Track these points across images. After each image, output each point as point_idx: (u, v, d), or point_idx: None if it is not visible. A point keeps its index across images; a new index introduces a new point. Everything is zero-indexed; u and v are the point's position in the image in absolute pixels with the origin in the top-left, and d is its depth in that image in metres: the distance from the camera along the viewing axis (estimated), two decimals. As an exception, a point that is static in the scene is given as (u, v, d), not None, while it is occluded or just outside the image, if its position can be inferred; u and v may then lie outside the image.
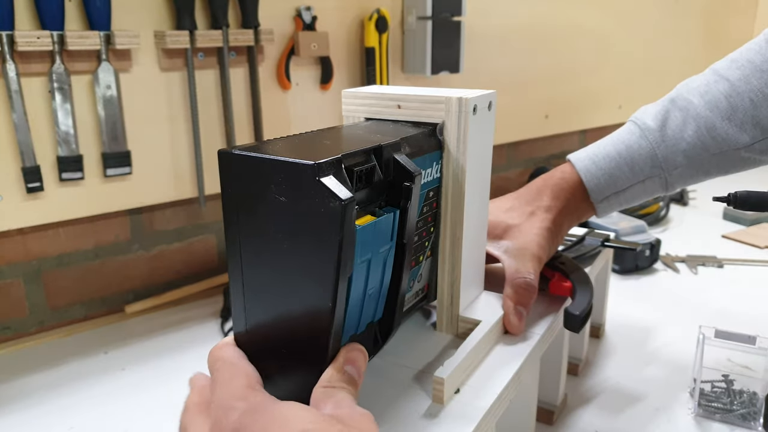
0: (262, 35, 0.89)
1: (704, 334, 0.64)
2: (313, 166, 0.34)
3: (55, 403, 0.69)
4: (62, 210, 0.79)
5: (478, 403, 0.43)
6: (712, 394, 0.65)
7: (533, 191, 0.64)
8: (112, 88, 0.79)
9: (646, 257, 1.01)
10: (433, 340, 0.52)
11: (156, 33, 0.82)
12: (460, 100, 0.47)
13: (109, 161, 0.80)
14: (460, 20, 1.09)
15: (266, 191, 0.36)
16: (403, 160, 0.41)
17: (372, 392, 0.45)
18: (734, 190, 0.59)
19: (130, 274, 0.92)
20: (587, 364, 0.75)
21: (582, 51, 1.48)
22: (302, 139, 0.42)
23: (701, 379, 0.65)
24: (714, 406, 0.64)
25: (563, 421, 0.65)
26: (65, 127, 0.76)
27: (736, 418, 0.63)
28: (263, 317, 0.39)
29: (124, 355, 0.79)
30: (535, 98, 1.40)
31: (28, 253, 0.82)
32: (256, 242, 0.38)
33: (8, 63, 0.70)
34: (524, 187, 0.66)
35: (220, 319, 0.88)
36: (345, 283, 0.37)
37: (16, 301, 0.83)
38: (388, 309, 0.45)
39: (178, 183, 0.89)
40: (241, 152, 0.36)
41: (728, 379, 0.65)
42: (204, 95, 0.88)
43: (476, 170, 0.50)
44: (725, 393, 0.64)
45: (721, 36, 1.88)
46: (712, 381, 0.65)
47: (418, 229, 0.47)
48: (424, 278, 0.51)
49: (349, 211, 0.35)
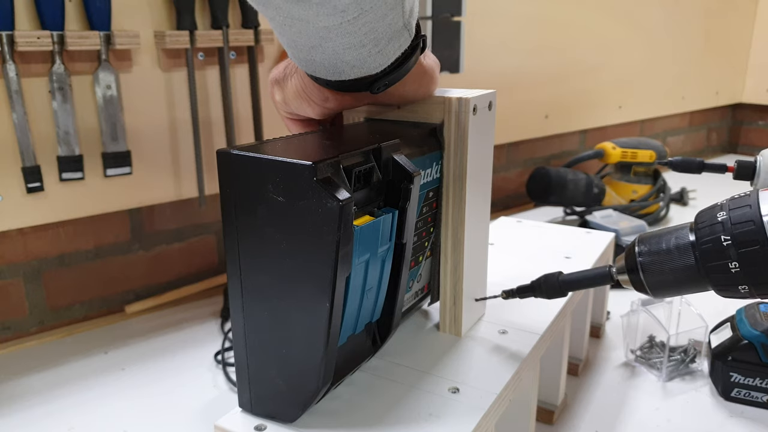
0: (263, 35, 0.89)
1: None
2: (311, 166, 0.34)
3: (55, 403, 0.69)
4: (62, 210, 0.79)
5: (478, 403, 0.43)
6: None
7: None
8: (112, 88, 0.79)
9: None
10: (436, 341, 0.52)
11: (156, 33, 0.82)
12: (460, 100, 0.47)
13: (109, 161, 0.80)
14: (460, 20, 1.09)
15: (265, 191, 0.36)
16: (402, 160, 0.41)
17: (373, 392, 0.45)
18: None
19: (130, 274, 0.92)
20: (587, 364, 0.75)
21: (582, 51, 1.48)
22: (301, 139, 0.42)
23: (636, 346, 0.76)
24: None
25: (563, 421, 0.65)
26: (65, 127, 0.76)
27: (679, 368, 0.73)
28: (262, 317, 0.39)
29: (124, 355, 0.79)
30: (535, 98, 1.40)
31: (28, 253, 0.82)
32: (254, 242, 0.38)
33: (8, 63, 0.71)
34: None
35: (220, 319, 0.88)
36: (343, 283, 0.37)
37: (16, 301, 0.83)
38: (386, 309, 0.45)
39: (178, 183, 0.89)
40: (240, 152, 0.36)
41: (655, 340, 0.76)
42: (204, 95, 0.88)
43: (477, 170, 0.50)
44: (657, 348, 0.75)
45: (721, 36, 1.87)
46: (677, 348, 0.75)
47: (417, 229, 0.47)
48: (423, 278, 0.51)
49: (347, 212, 0.35)
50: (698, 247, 0.38)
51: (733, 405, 0.67)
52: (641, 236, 0.43)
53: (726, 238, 0.35)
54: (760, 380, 0.65)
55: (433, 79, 0.47)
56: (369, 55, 0.40)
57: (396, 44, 0.40)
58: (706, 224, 0.37)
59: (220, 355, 0.77)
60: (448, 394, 0.44)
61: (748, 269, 0.35)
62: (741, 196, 0.36)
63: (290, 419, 0.41)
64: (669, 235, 0.41)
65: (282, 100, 0.48)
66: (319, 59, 0.41)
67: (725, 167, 0.68)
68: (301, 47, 0.40)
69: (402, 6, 0.38)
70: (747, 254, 0.34)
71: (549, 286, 0.49)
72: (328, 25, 0.37)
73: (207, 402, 0.69)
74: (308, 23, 0.37)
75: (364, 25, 0.37)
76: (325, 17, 0.36)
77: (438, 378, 0.46)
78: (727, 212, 0.36)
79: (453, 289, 0.52)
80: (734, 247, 0.35)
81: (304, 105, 0.47)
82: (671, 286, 0.41)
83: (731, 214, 0.36)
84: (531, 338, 0.53)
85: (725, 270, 0.36)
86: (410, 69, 0.43)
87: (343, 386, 0.45)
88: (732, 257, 0.35)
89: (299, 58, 0.42)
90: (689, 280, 0.39)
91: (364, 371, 0.47)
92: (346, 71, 0.41)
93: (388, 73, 0.42)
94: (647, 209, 1.26)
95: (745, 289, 0.36)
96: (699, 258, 0.38)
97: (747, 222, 0.34)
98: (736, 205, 0.36)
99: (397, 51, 0.41)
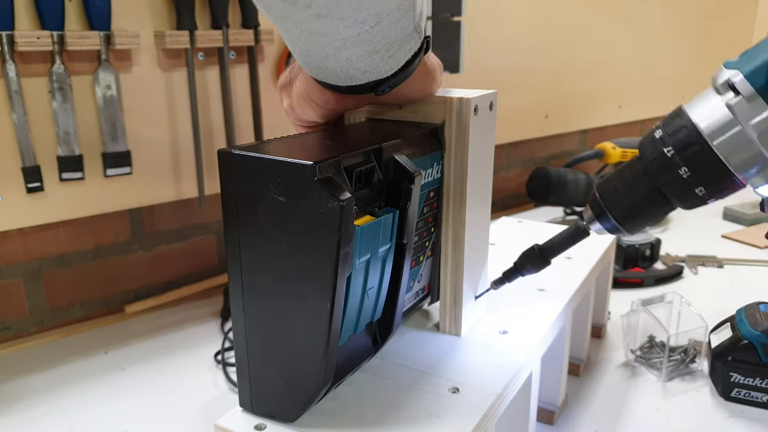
0: (263, 35, 0.89)
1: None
2: (312, 166, 0.34)
3: (55, 403, 0.69)
4: (62, 210, 0.79)
5: (478, 403, 0.43)
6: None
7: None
8: (112, 88, 0.79)
9: (646, 257, 1.01)
10: (436, 341, 0.52)
11: (156, 33, 0.82)
12: (461, 100, 0.47)
13: (109, 161, 0.80)
14: (460, 20, 1.09)
15: (265, 191, 0.36)
16: (403, 160, 0.41)
17: (373, 392, 0.45)
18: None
19: (130, 274, 0.92)
20: (588, 364, 0.75)
21: (582, 51, 1.48)
22: (302, 139, 0.42)
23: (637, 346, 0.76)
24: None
25: (563, 421, 0.65)
26: (65, 127, 0.76)
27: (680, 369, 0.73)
28: (263, 317, 0.39)
29: (124, 355, 0.79)
30: (535, 98, 1.40)
31: (28, 253, 0.82)
32: (255, 242, 0.38)
33: (8, 63, 0.70)
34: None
35: (220, 319, 0.88)
36: (343, 283, 0.37)
37: (16, 301, 0.83)
38: (387, 309, 0.45)
39: (178, 183, 0.89)
40: (241, 152, 0.36)
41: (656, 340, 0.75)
42: (204, 95, 0.88)
43: (477, 170, 0.50)
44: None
45: (721, 36, 1.87)
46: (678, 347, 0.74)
47: (418, 229, 0.47)
48: (424, 278, 0.51)
49: (348, 212, 0.35)
50: (649, 168, 0.41)
51: (733, 405, 0.67)
52: (598, 184, 0.46)
53: (668, 150, 0.39)
54: (760, 380, 0.65)
55: (435, 79, 0.47)
56: (381, 60, 0.40)
57: (407, 47, 0.40)
58: (648, 147, 0.41)
59: (220, 355, 0.77)
60: (448, 394, 0.44)
61: (696, 170, 0.38)
62: (669, 114, 0.40)
63: (291, 419, 0.41)
64: (621, 173, 0.44)
65: (289, 106, 0.48)
66: (332, 67, 0.40)
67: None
68: (314, 56, 0.40)
69: (413, 9, 0.38)
70: (691, 156, 0.38)
71: (531, 259, 0.50)
72: (346, 36, 0.36)
73: (207, 402, 0.69)
74: (326, 36, 0.36)
75: (379, 33, 0.37)
76: (344, 29, 0.36)
77: (438, 378, 0.46)
78: (662, 129, 0.40)
79: (453, 289, 0.52)
80: (678, 154, 0.38)
81: (307, 108, 0.47)
82: (640, 216, 0.44)
83: (666, 129, 0.39)
84: (531, 338, 0.53)
85: (678, 178, 0.39)
86: (414, 70, 0.43)
87: (343, 386, 0.45)
88: (679, 164, 0.39)
89: (311, 66, 0.42)
90: (653, 203, 0.43)
91: (365, 371, 0.47)
92: (357, 77, 0.41)
93: (394, 75, 0.42)
94: (647, 209, 1.26)
95: (702, 191, 0.39)
96: (653, 177, 0.41)
97: (681, 129, 0.38)
98: (668, 121, 0.40)
99: (408, 54, 0.41)
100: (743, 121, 0.36)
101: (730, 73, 0.37)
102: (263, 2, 0.35)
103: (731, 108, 0.37)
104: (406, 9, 0.37)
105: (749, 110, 0.36)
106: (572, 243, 0.50)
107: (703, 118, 0.38)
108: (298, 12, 0.34)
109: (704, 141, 0.38)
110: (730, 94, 0.37)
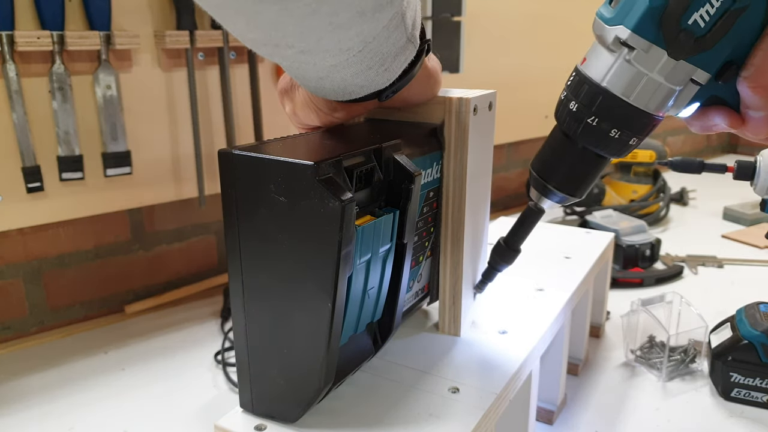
0: (262, 35, 0.88)
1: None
2: (313, 166, 0.34)
3: (55, 403, 0.69)
4: (62, 210, 0.79)
5: (478, 403, 0.43)
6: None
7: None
8: (112, 88, 0.79)
9: (646, 257, 1.02)
10: (436, 341, 0.52)
11: (156, 33, 0.82)
12: (460, 100, 0.47)
13: (109, 161, 0.80)
14: (460, 20, 1.09)
15: (266, 191, 0.36)
16: (403, 160, 0.41)
17: (374, 392, 0.45)
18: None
19: (130, 274, 0.92)
20: (587, 364, 0.75)
21: (582, 51, 1.47)
22: (303, 139, 0.42)
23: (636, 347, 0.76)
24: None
25: (563, 421, 0.65)
26: (65, 127, 0.76)
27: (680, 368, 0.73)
28: (263, 317, 0.39)
29: (124, 355, 0.79)
30: (535, 98, 1.40)
31: (28, 253, 0.82)
32: (255, 242, 0.38)
33: (8, 63, 0.71)
34: None
35: (220, 319, 0.88)
36: (344, 283, 0.37)
37: (16, 301, 0.83)
38: (387, 309, 0.45)
39: (178, 183, 0.89)
40: (242, 152, 0.36)
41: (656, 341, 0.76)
42: (204, 95, 0.88)
43: (477, 170, 0.50)
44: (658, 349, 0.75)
45: (721, 36, 1.87)
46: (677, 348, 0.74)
47: (418, 229, 0.47)
48: (424, 278, 0.51)
49: (349, 212, 0.35)
50: (567, 130, 0.43)
51: (733, 405, 0.67)
52: (531, 163, 0.49)
53: (576, 106, 0.41)
54: (760, 380, 0.65)
55: (437, 81, 0.47)
56: (377, 75, 0.40)
57: (402, 59, 0.41)
58: (560, 112, 0.43)
59: (220, 355, 0.77)
60: (448, 394, 0.44)
61: (605, 117, 0.40)
62: (573, 82, 0.42)
63: (291, 419, 0.41)
64: (546, 145, 0.47)
65: (291, 110, 0.48)
66: (329, 86, 0.41)
67: (725, 167, 0.68)
68: (310, 79, 0.40)
69: (404, 24, 0.38)
70: (599, 108, 0.40)
71: (500, 253, 0.51)
72: (335, 63, 0.37)
73: (207, 402, 0.69)
74: (315, 64, 0.37)
75: (369, 53, 0.37)
76: (331, 58, 0.36)
77: (438, 378, 0.46)
78: (566, 91, 0.42)
79: (452, 289, 0.52)
80: (586, 108, 0.41)
81: (312, 115, 0.47)
82: (578, 178, 0.46)
83: (569, 91, 0.42)
84: (531, 338, 0.53)
85: (592, 128, 0.41)
86: (416, 74, 0.44)
87: (343, 386, 0.45)
88: (589, 115, 0.41)
89: (308, 86, 0.42)
90: (583, 161, 0.45)
91: (365, 371, 0.47)
92: (355, 92, 0.42)
93: (393, 83, 0.42)
94: (647, 209, 1.26)
95: (617, 133, 0.41)
96: (573, 137, 0.43)
97: (581, 86, 0.41)
98: (569, 83, 0.42)
99: (404, 64, 0.41)
100: (648, 71, 0.38)
101: (616, 30, 0.38)
102: (251, 43, 0.35)
103: (633, 63, 0.38)
104: (395, 26, 0.37)
105: (650, 60, 0.37)
106: (531, 225, 0.51)
107: (609, 79, 0.40)
108: (282, 51, 0.35)
109: (614, 95, 0.40)
110: (625, 50, 0.38)
